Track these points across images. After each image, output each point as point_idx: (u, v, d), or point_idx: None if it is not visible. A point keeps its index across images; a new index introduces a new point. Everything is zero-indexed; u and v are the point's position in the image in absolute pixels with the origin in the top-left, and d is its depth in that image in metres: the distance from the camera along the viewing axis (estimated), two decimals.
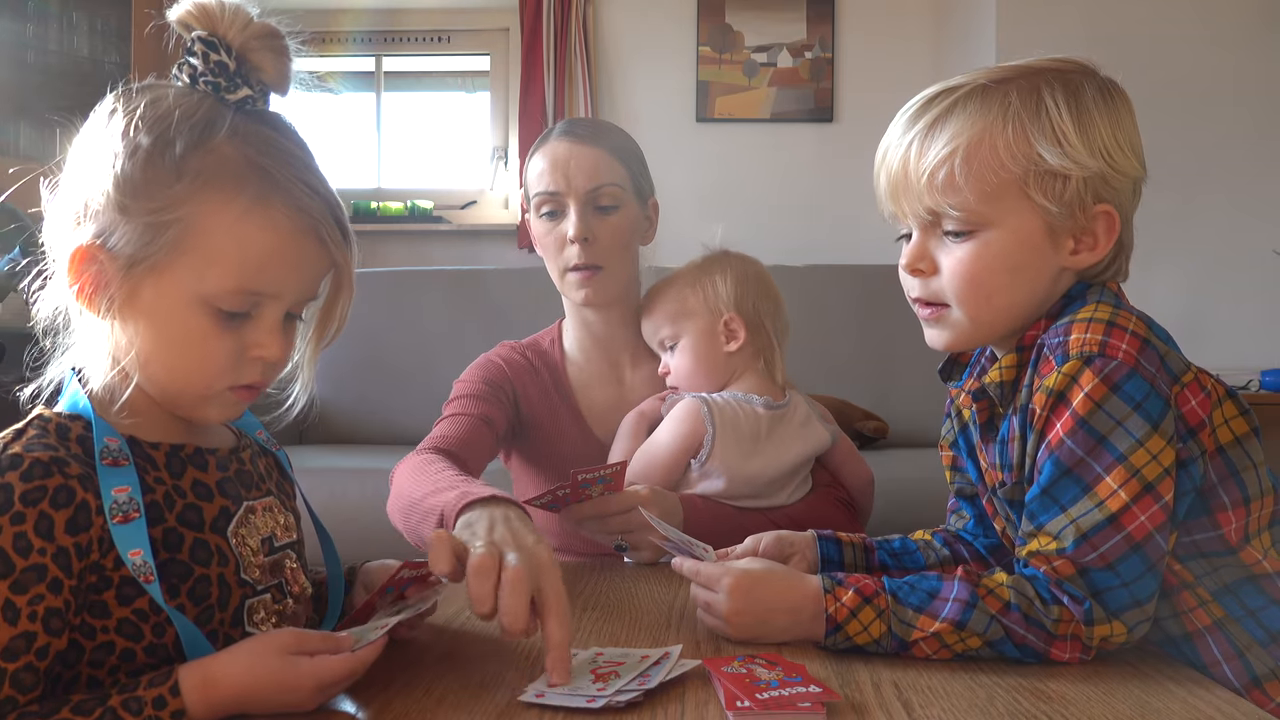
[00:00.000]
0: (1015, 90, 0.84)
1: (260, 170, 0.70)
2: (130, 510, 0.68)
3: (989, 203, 0.84)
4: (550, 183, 1.31)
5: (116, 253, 0.69)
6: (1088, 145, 0.83)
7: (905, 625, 0.80)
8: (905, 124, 0.88)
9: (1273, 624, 0.83)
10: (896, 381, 2.73)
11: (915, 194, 0.86)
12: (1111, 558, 0.78)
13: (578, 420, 1.38)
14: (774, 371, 1.32)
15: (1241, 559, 0.83)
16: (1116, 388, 0.78)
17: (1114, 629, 0.79)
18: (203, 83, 0.71)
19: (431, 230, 3.51)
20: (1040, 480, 0.82)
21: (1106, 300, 0.85)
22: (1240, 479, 0.83)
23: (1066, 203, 0.83)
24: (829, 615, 0.82)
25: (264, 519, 0.79)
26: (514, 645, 0.84)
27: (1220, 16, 2.95)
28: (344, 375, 2.90)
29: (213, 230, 0.69)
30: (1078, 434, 0.79)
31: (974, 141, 0.83)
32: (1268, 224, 2.92)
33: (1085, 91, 0.84)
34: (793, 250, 3.17)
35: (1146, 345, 0.80)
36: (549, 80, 3.39)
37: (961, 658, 0.81)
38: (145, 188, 0.68)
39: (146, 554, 0.68)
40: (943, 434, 1.02)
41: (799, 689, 0.69)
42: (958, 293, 0.87)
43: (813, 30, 3.51)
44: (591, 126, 1.37)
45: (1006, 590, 0.80)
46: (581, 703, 0.68)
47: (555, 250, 1.33)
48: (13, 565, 0.62)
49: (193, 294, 0.69)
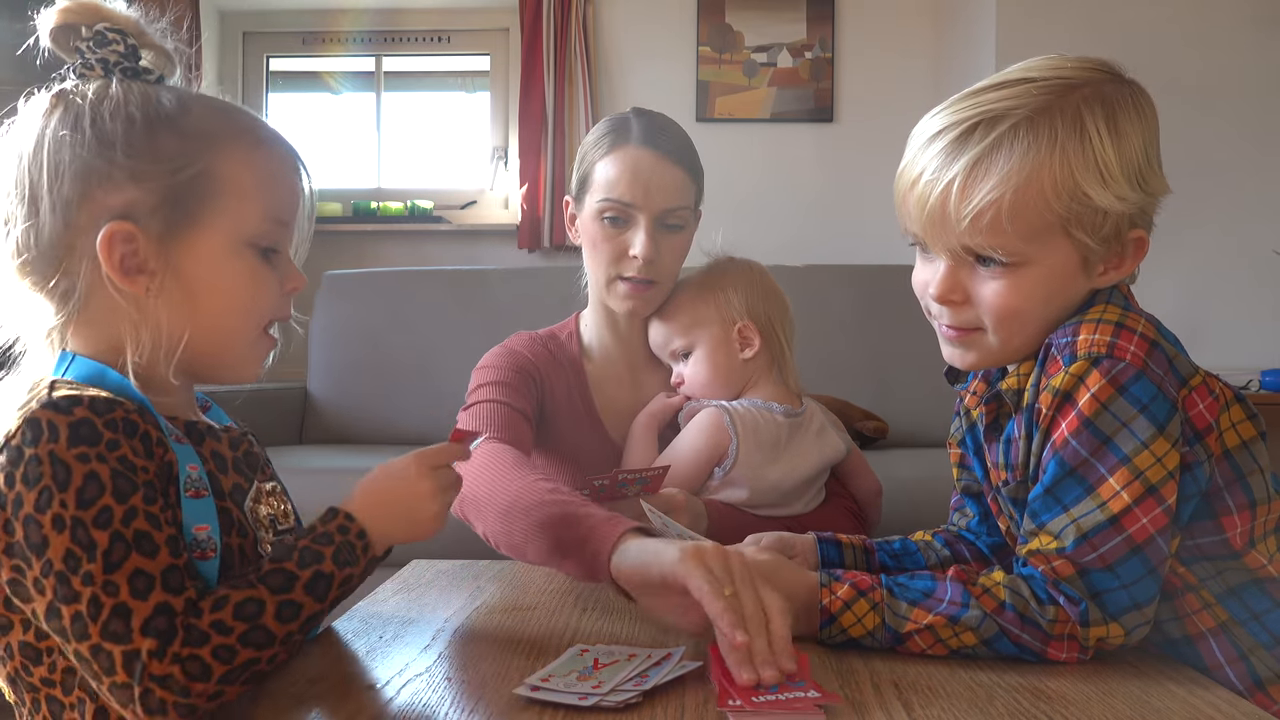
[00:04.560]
0: (1060, 119, 0.80)
1: (238, 117, 0.77)
2: (201, 488, 0.73)
3: (1031, 243, 0.82)
4: (627, 193, 1.26)
5: (146, 225, 0.72)
6: (1128, 175, 0.80)
7: (899, 618, 0.81)
8: (943, 154, 0.83)
9: (1277, 627, 0.83)
10: (896, 381, 2.72)
11: (954, 232, 0.83)
12: (1111, 559, 0.78)
13: (592, 417, 1.36)
14: (787, 377, 1.32)
15: (1246, 563, 0.83)
16: (1123, 389, 0.78)
17: (1111, 631, 0.79)
18: (118, 71, 0.74)
19: (431, 230, 3.51)
20: (1043, 479, 0.82)
21: (1115, 302, 0.84)
22: (1246, 483, 0.83)
23: (1104, 237, 0.82)
24: (823, 607, 0.82)
25: (270, 502, 0.81)
26: (514, 642, 0.85)
27: (1220, 17, 2.95)
28: (343, 375, 2.89)
29: (235, 171, 0.75)
30: (1082, 434, 0.79)
31: (1023, 185, 0.80)
32: (1268, 224, 2.92)
33: (1120, 107, 0.82)
34: (793, 250, 3.16)
35: (1155, 347, 0.80)
36: (549, 80, 3.38)
37: (958, 655, 0.81)
38: (155, 150, 0.72)
39: (214, 530, 0.73)
40: (951, 431, 1.03)
41: (798, 693, 0.69)
42: (994, 323, 0.86)
43: (813, 30, 3.51)
44: (672, 138, 1.32)
45: (1002, 590, 0.80)
46: (574, 700, 0.68)
47: (611, 257, 1.28)
48: (134, 482, 0.66)
49: (235, 238, 0.75)
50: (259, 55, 3.70)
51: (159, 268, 0.72)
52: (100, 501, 0.63)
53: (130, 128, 0.71)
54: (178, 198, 0.72)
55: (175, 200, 0.72)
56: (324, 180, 3.66)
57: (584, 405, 1.36)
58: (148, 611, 0.63)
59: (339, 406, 2.88)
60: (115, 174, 0.71)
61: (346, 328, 2.94)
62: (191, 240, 0.73)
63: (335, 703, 0.71)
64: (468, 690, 0.73)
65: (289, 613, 0.69)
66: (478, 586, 1.08)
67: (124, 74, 0.75)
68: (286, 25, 3.68)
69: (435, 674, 0.77)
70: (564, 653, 0.79)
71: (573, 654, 0.78)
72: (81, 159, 0.71)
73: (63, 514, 0.63)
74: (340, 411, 2.88)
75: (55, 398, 0.66)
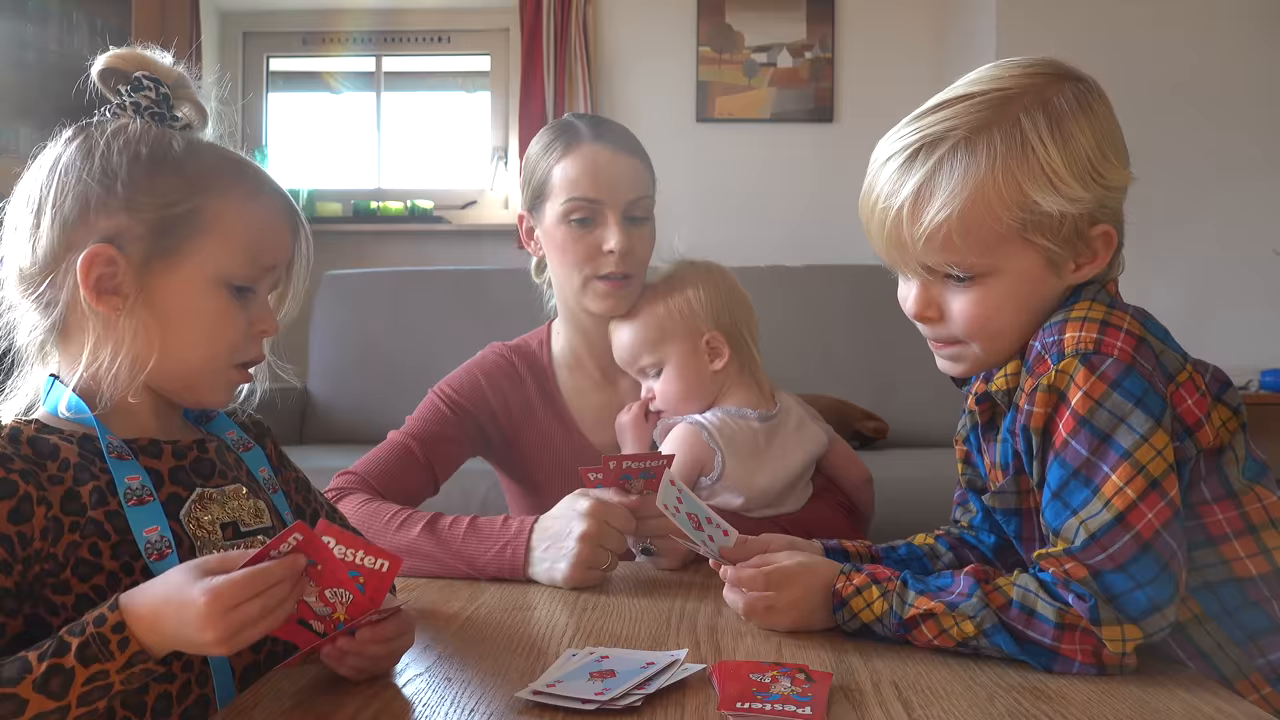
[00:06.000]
0: (998, 133, 0.81)
1: (241, 166, 0.83)
2: (144, 495, 0.76)
3: (989, 255, 0.83)
4: (592, 189, 1.27)
5: (129, 252, 0.76)
6: (1078, 175, 0.81)
7: (905, 604, 0.83)
8: (892, 180, 0.85)
9: (1251, 623, 0.83)
10: (896, 381, 2.72)
11: (912, 255, 0.85)
12: (1122, 559, 0.77)
13: (567, 426, 1.37)
14: (759, 378, 1.31)
15: (1223, 553, 0.83)
16: (1116, 384, 0.78)
17: (1126, 632, 0.77)
18: (147, 115, 0.81)
19: (431, 230, 3.51)
20: (1050, 485, 0.82)
21: (1100, 299, 0.84)
22: (1224, 474, 0.83)
23: (1065, 238, 0.83)
24: (836, 591, 0.87)
25: (226, 506, 0.82)
26: (514, 642, 0.85)
27: (1220, 17, 2.95)
28: (343, 375, 2.89)
29: (225, 212, 0.80)
30: (1080, 434, 0.79)
31: (968, 203, 0.81)
32: (1268, 224, 2.92)
33: (1063, 106, 0.82)
34: (793, 250, 3.16)
35: (1142, 343, 0.80)
36: (549, 80, 3.38)
37: (966, 648, 0.81)
38: (154, 185, 0.77)
39: (164, 529, 0.75)
40: (959, 428, 1.03)
41: (795, 708, 0.67)
42: (970, 336, 0.88)
43: (813, 30, 3.51)
44: (620, 132, 1.34)
45: (1012, 588, 0.80)
46: (577, 704, 0.68)
47: (583, 258, 1.28)
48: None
49: (212, 274, 0.79)
50: (259, 55, 3.70)
51: (132, 292, 0.77)
52: None
53: (135, 163, 0.77)
54: (164, 230, 0.77)
55: (161, 232, 0.77)
56: (324, 180, 3.66)
57: (554, 414, 1.37)
58: None
59: (339, 406, 2.88)
60: (111, 201, 0.76)
61: (346, 328, 2.94)
62: (168, 271, 0.78)
63: (335, 702, 0.71)
64: (468, 690, 0.73)
65: (9, 709, 0.61)
66: (478, 586, 1.08)
67: (151, 118, 0.81)
68: (286, 25, 3.68)
69: (435, 674, 0.77)
70: (562, 654, 0.79)
71: (570, 657, 0.78)
72: (85, 184, 0.76)
73: None
74: (340, 411, 2.88)
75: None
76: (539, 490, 1.35)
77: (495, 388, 1.37)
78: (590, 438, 1.37)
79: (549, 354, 1.41)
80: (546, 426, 1.37)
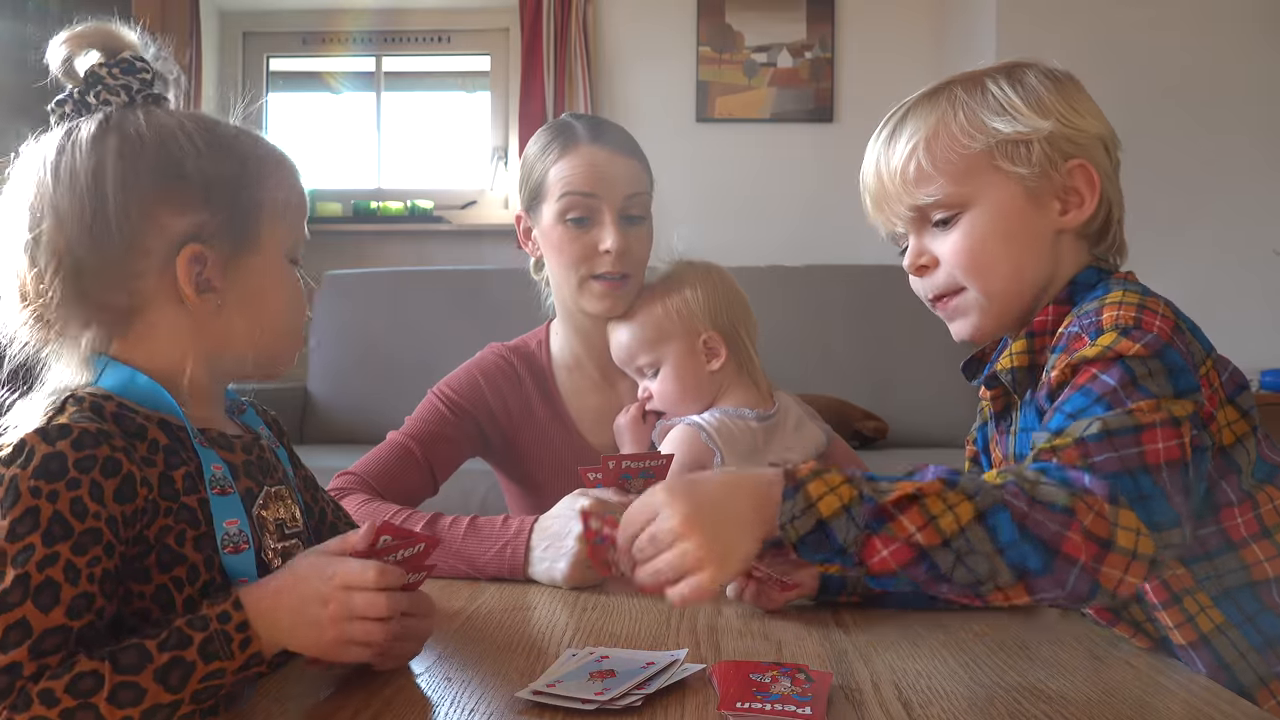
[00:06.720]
0: (960, 86, 0.90)
1: (264, 140, 0.83)
2: (226, 485, 0.75)
3: (962, 182, 0.88)
4: (587, 185, 1.27)
5: (214, 245, 0.76)
6: (1037, 110, 0.87)
7: (880, 491, 0.69)
8: (874, 151, 0.94)
9: (1269, 629, 0.82)
10: (896, 381, 2.73)
11: (895, 197, 0.91)
12: (1132, 465, 0.71)
13: (567, 427, 1.37)
14: (756, 378, 1.31)
15: (1244, 558, 0.83)
16: (1156, 354, 0.76)
17: (1141, 526, 0.67)
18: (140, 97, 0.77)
19: (431, 230, 3.51)
20: (1063, 410, 0.76)
21: (1133, 288, 0.85)
22: (1239, 476, 0.83)
23: (1036, 165, 0.86)
24: (787, 473, 0.70)
25: (277, 507, 0.82)
26: (514, 642, 0.85)
27: (1220, 18, 2.95)
28: (343, 375, 2.90)
29: (279, 193, 0.81)
30: (1113, 369, 0.75)
31: (931, 132, 0.89)
32: (1268, 224, 2.92)
33: (1028, 75, 0.89)
34: (793, 250, 3.16)
35: (1178, 328, 0.81)
36: (549, 80, 3.38)
37: (943, 555, 0.67)
38: (221, 176, 0.76)
39: (243, 524, 0.75)
40: (971, 429, 1.03)
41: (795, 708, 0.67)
42: (964, 275, 0.89)
43: (813, 30, 3.51)
44: (617, 132, 1.34)
45: (999, 476, 0.71)
46: (577, 704, 0.68)
47: (579, 258, 1.28)
48: (71, 529, 0.64)
49: (283, 254, 0.81)
50: (259, 55, 3.70)
51: (222, 285, 0.76)
52: (27, 539, 0.63)
53: (198, 155, 0.76)
54: (240, 219, 0.77)
55: (238, 222, 0.77)
56: (324, 180, 3.66)
57: (554, 415, 1.38)
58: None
59: (339, 406, 2.88)
60: (184, 198, 0.75)
61: (346, 328, 2.95)
62: (252, 257, 0.78)
63: (335, 702, 0.71)
64: (468, 690, 0.73)
65: (127, 697, 0.61)
66: (478, 586, 1.08)
67: (146, 100, 0.78)
68: (286, 25, 3.68)
69: (435, 674, 0.77)
70: (562, 654, 0.79)
71: (570, 657, 0.78)
72: (146, 185, 0.74)
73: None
74: (340, 411, 2.88)
75: (49, 426, 0.67)
76: (538, 490, 1.35)
77: (494, 388, 1.37)
78: (589, 438, 1.37)
79: (548, 354, 1.41)
80: (545, 427, 1.37)
